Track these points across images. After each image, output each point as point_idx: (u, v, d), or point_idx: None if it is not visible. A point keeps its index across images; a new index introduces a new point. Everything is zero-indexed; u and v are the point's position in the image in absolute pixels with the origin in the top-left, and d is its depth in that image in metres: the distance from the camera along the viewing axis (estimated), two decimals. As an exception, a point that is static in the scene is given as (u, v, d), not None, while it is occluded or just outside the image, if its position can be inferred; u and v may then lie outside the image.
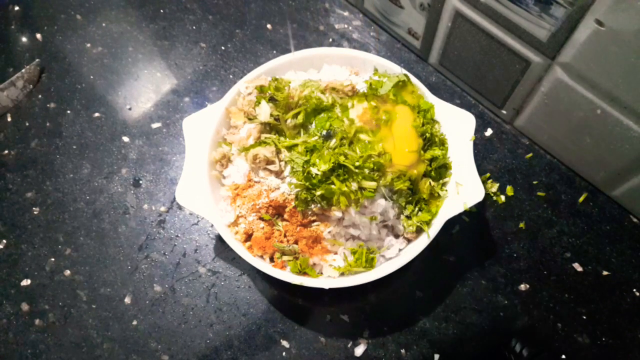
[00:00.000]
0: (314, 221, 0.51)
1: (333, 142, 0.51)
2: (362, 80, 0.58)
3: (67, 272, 0.61)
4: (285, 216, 0.52)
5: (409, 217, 0.51)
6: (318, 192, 0.49)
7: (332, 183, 0.49)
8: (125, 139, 0.69)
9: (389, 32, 0.74)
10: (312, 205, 0.50)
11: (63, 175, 0.67)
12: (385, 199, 0.50)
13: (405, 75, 0.56)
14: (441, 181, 0.52)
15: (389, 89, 0.54)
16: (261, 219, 0.52)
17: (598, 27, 0.46)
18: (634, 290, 0.57)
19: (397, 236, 0.52)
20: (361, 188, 0.49)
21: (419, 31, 0.68)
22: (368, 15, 0.76)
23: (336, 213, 0.49)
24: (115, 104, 0.72)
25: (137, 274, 0.60)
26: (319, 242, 0.51)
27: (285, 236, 0.52)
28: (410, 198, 0.51)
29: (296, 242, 0.51)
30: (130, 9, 0.80)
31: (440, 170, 0.53)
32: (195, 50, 0.76)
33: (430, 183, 0.51)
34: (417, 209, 0.51)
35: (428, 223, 0.51)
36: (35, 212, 0.64)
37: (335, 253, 0.52)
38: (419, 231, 0.52)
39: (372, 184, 0.49)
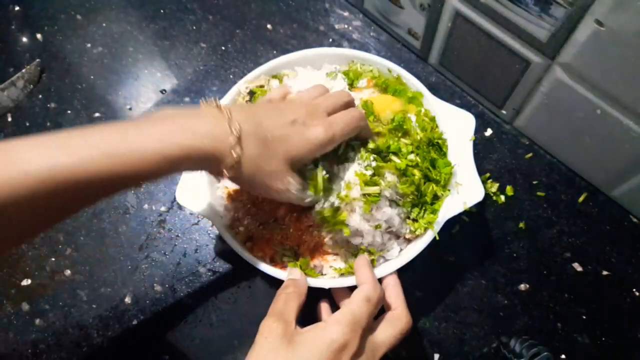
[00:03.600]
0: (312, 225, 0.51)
1: None
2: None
3: (68, 272, 0.61)
4: (286, 220, 0.51)
5: (415, 220, 0.51)
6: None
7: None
8: (126, 139, 0.69)
9: (389, 32, 0.74)
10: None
11: (63, 175, 0.67)
12: (391, 207, 0.49)
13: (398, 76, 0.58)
14: (442, 182, 0.52)
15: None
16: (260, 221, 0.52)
17: (598, 28, 0.46)
18: (634, 290, 0.57)
19: (397, 237, 0.52)
20: (364, 194, 0.48)
21: (419, 31, 0.68)
22: (368, 15, 0.76)
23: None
24: (115, 103, 0.72)
25: (137, 273, 0.60)
26: (321, 246, 0.51)
27: (286, 238, 0.51)
28: (417, 201, 0.50)
29: (297, 246, 0.51)
30: (130, 9, 0.80)
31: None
32: (196, 50, 0.76)
33: (433, 187, 0.50)
34: (422, 211, 0.51)
35: (431, 223, 0.50)
36: (35, 212, 0.64)
37: (336, 254, 0.51)
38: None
39: (375, 189, 0.48)
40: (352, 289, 0.47)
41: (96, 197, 0.39)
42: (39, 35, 0.78)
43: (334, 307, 0.57)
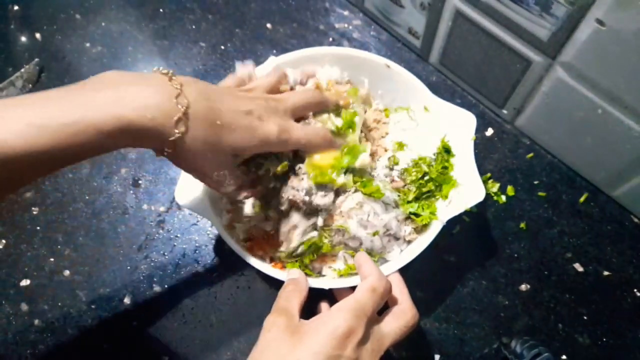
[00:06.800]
0: None
1: None
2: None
3: (67, 272, 0.61)
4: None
5: (417, 215, 0.50)
6: None
7: None
8: (125, 138, 0.69)
9: (390, 31, 0.74)
10: None
11: (62, 175, 0.67)
12: (387, 211, 0.49)
13: None
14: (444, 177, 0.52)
15: None
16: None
17: (599, 27, 0.46)
18: (635, 290, 0.57)
19: (397, 239, 0.52)
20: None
21: (419, 30, 0.68)
22: (368, 14, 0.75)
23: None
24: (114, 103, 0.72)
25: (136, 274, 0.60)
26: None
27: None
28: (420, 192, 0.50)
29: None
30: (129, 9, 0.80)
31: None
32: (195, 49, 0.76)
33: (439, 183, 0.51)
34: (424, 203, 0.51)
35: (434, 214, 0.50)
36: (34, 212, 0.64)
37: (334, 256, 0.51)
38: (419, 232, 0.51)
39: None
40: (354, 289, 0.47)
41: (30, 175, 0.36)
42: (38, 35, 0.77)
43: (334, 308, 0.57)
